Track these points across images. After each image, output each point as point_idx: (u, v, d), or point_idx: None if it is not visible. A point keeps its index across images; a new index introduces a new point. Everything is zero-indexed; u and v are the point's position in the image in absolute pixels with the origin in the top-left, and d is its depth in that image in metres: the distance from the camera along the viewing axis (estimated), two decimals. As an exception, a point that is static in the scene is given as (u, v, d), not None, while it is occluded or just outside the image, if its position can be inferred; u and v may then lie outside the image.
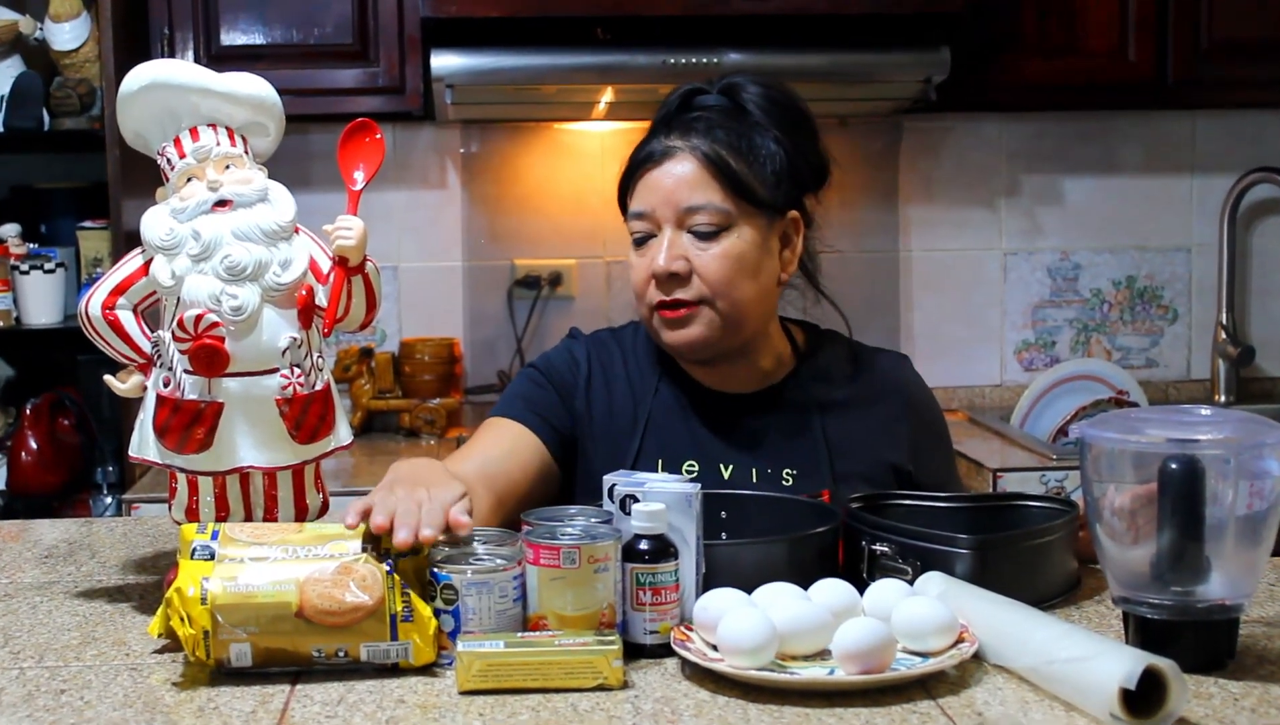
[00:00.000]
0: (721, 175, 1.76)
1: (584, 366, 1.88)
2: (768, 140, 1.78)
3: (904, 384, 1.92)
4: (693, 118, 1.81)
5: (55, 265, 3.10)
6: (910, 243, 3.55)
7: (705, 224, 1.75)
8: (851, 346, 1.94)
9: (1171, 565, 1.29)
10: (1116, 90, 3.29)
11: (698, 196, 1.75)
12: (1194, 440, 1.28)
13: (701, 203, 1.75)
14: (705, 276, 1.75)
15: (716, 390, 1.86)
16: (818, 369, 1.88)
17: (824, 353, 1.91)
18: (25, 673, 1.36)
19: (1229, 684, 1.29)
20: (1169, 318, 3.64)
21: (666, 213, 1.77)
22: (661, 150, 1.79)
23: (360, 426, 3.28)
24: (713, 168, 1.76)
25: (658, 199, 1.77)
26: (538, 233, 3.48)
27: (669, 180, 1.77)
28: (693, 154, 1.77)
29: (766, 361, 1.87)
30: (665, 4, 2.98)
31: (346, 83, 3.10)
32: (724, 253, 1.75)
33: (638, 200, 1.80)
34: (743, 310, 1.78)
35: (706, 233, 1.75)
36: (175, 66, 1.52)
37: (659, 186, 1.77)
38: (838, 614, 1.34)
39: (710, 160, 1.76)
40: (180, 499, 1.51)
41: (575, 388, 1.86)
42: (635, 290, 1.81)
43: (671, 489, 1.41)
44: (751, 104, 1.81)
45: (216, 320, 1.43)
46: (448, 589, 1.34)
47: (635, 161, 1.83)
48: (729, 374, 1.86)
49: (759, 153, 1.78)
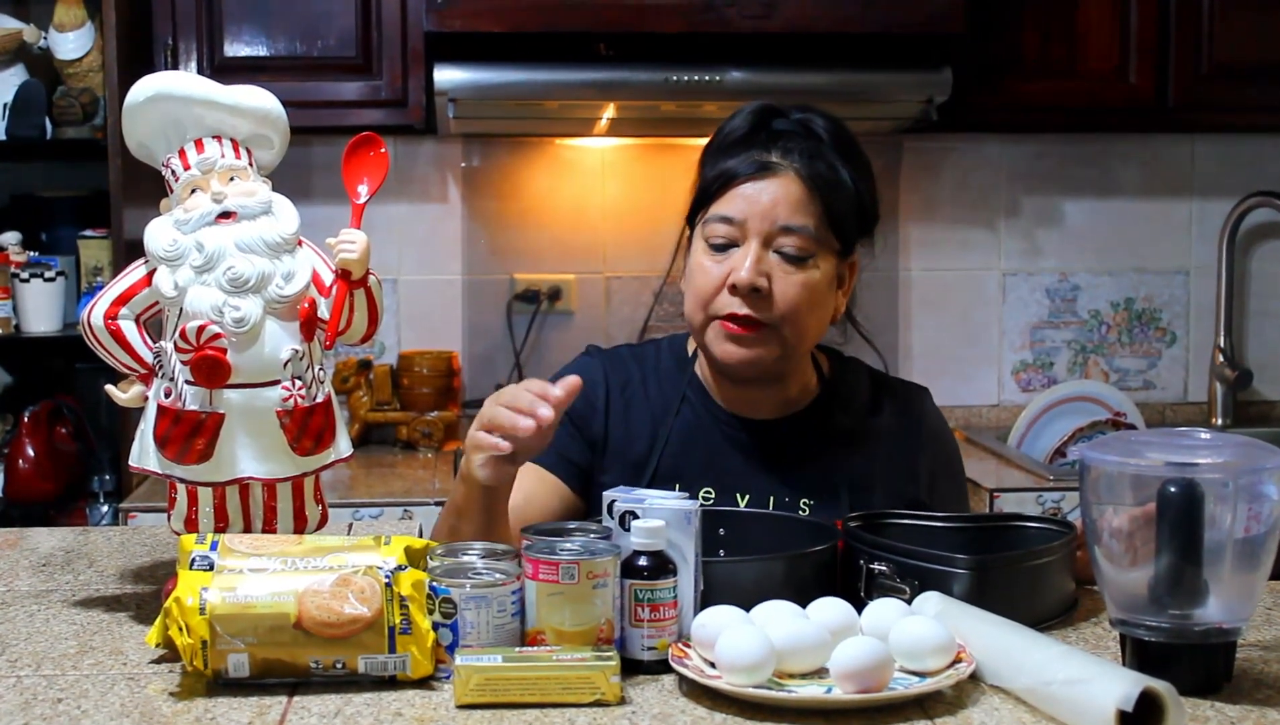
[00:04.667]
0: (822, 202, 1.74)
1: (602, 387, 1.86)
2: (847, 177, 1.77)
3: (924, 418, 1.92)
4: (786, 137, 1.77)
5: (55, 274, 3.10)
6: (910, 262, 3.56)
7: (796, 247, 1.74)
8: (873, 376, 1.94)
9: (1169, 588, 1.29)
10: (1117, 113, 3.30)
11: (796, 218, 1.74)
12: (1193, 464, 1.29)
13: (798, 225, 1.74)
14: (783, 301, 1.73)
15: (739, 415, 1.85)
16: (840, 398, 1.87)
17: (847, 382, 1.90)
18: (22, 681, 1.36)
19: (1225, 707, 1.29)
20: (1167, 340, 3.64)
21: (760, 226, 1.74)
22: (762, 164, 1.76)
23: (358, 439, 3.28)
24: (815, 193, 1.74)
25: (754, 210, 1.74)
26: (538, 247, 3.49)
27: (768, 195, 1.74)
28: (797, 175, 1.75)
29: (793, 389, 1.86)
30: (668, 21, 2.99)
31: (349, 95, 3.11)
32: (805, 281, 1.74)
33: (728, 206, 1.76)
34: (804, 341, 1.78)
35: (795, 257, 1.74)
36: (181, 78, 1.53)
37: (757, 199, 1.74)
38: (835, 632, 1.34)
39: (815, 186, 1.74)
40: (179, 509, 1.51)
41: (593, 411, 1.84)
42: (700, 294, 1.77)
43: (671, 506, 1.41)
44: (827, 136, 1.79)
45: (219, 331, 1.43)
46: (446, 603, 1.34)
47: (730, 170, 1.77)
48: (757, 399, 1.84)
49: (845, 189, 1.77)
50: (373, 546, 1.38)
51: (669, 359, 1.90)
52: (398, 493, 2.92)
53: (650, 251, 3.48)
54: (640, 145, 3.48)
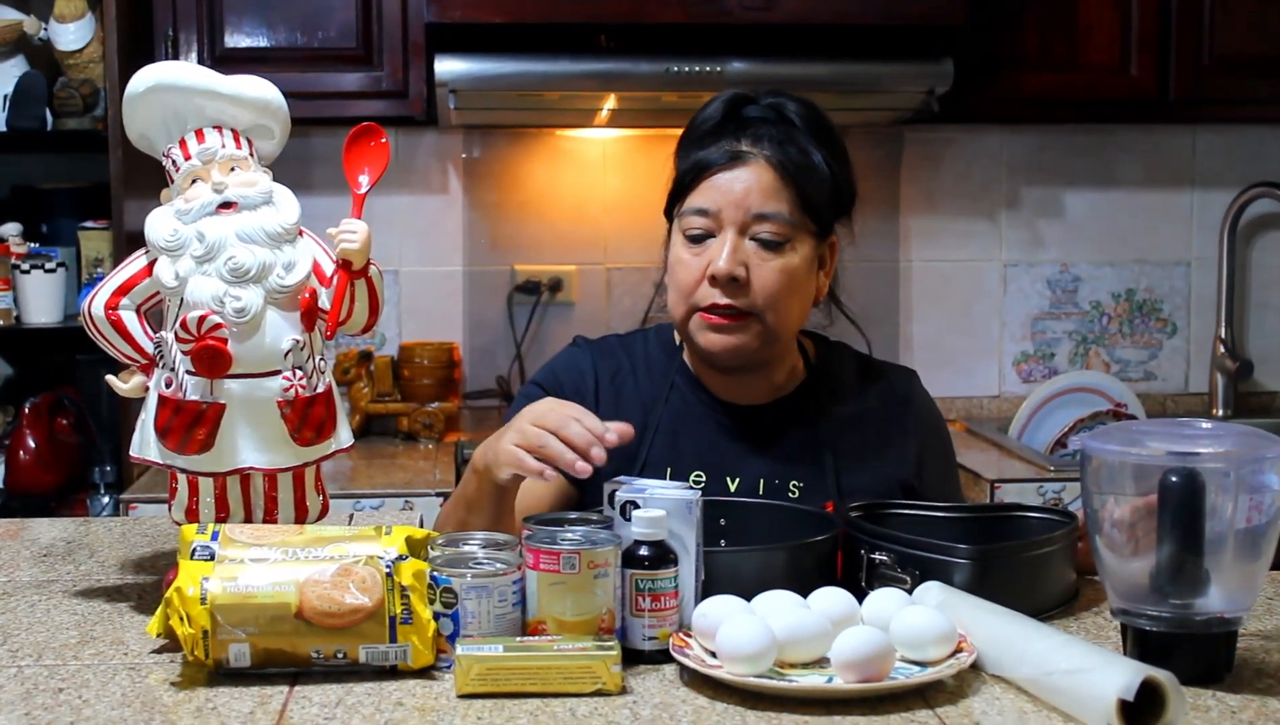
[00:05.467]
0: (794, 188, 1.75)
1: (591, 377, 1.87)
2: (820, 160, 1.78)
3: (911, 399, 1.92)
4: (757, 125, 1.78)
5: (56, 265, 3.10)
6: (911, 253, 3.55)
7: (771, 234, 1.74)
8: (860, 359, 1.94)
9: (1170, 578, 1.29)
10: (1118, 104, 3.30)
11: (770, 205, 1.74)
12: (1194, 453, 1.29)
13: (772, 212, 1.74)
14: (761, 288, 1.74)
15: (727, 401, 1.86)
16: (827, 382, 1.88)
17: (833, 365, 1.91)
18: (23, 671, 1.36)
19: (1227, 697, 1.29)
20: (1168, 331, 3.64)
21: (734, 215, 1.75)
22: (733, 153, 1.76)
23: (358, 430, 3.28)
24: (787, 179, 1.75)
25: (727, 200, 1.75)
26: (538, 238, 3.48)
27: (741, 184, 1.75)
28: (767, 162, 1.75)
29: (780, 375, 1.87)
30: (668, 12, 2.98)
31: (349, 86, 3.11)
32: (784, 267, 1.75)
33: (702, 197, 1.77)
34: (786, 326, 1.79)
35: (771, 242, 1.75)
36: (182, 68, 1.53)
37: (730, 189, 1.75)
38: (836, 622, 1.34)
39: (786, 172, 1.75)
40: (180, 499, 1.51)
41: (583, 401, 1.83)
42: (680, 287, 1.79)
43: (672, 495, 1.41)
44: (799, 120, 1.80)
45: (219, 322, 1.43)
46: (447, 592, 1.34)
47: (702, 161, 1.78)
48: (744, 385, 1.85)
49: (818, 172, 1.78)
50: (374, 536, 1.38)
51: (657, 348, 1.91)
52: (398, 484, 2.92)
53: (651, 243, 3.42)
54: (641, 136, 3.48)
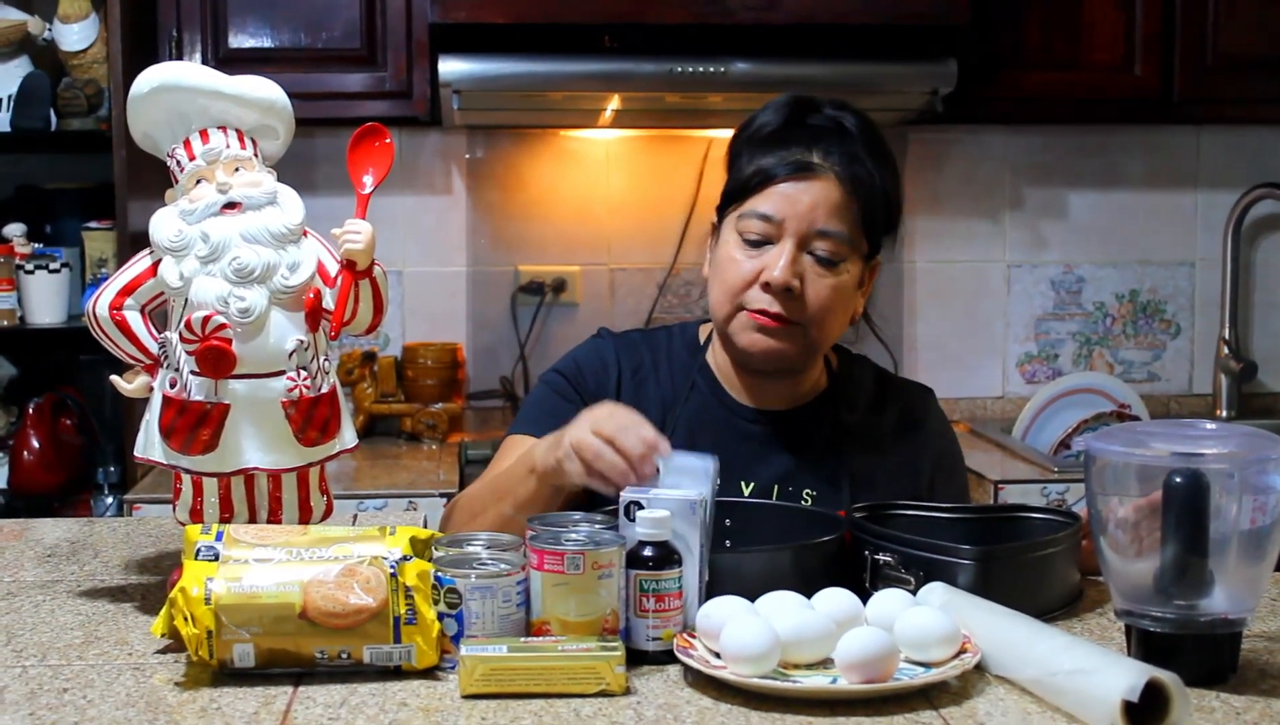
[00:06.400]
0: (860, 209, 1.75)
1: (614, 369, 1.87)
2: (877, 178, 1.77)
3: (927, 418, 1.93)
4: (825, 136, 1.77)
5: (60, 265, 3.10)
6: (914, 254, 3.55)
7: (829, 252, 1.74)
8: (879, 374, 1.95)
9: (1174, 579, 1.29)
10: (1122, 105, 3.29)
11: (833, 223, 1.74)
12: (1198, 454, 1.29)
13: (835, 230, 1.74)
14: (813, 302, 1.74)
15: (747, 406, 1.86)
16: (847, 394, 1.88)
17: (854, 378, 1.91)
18: (28, 671, 1.36)
19: (1231, 698, 1.29)
20: (1172, 332, 3.64)
21: (797, 227, 1.74)
22: (803, 164, 1.75)
23: (362, 430, 3.28)
24: (854, 200, 1.75)
25: (793, 211, 1.74)
26: (542, 239, 3.48)
27: (808, 196, 1.74)
28: (837, 179, 1.74)
29: (805, 384, 1.87)
30: (672, 13, 2.98)
31: (353, 87, 3.11)
32: (837, 285, 1.75)
33: (767, 203, 1.75)
34: (827, 341, 1.81)
35: (828, 261, 1.75)
36: (186, 69, 1.53)
37: (797, 200, 1.74)
38: (841, 623, 1.34)
39: (855, 191, 1.75)
40: (185, 500, 1.51)
41: (604, 393, 1.83)
42: (729, 285, 1.77)
43: (677, 496, 1.41)
44: (859, 133, 1.78)
45: (224, 322, 1.43)
46: (451, 593, 1.34)
47: (770, 166, 1.76)
48: (767, 390, 1.85)
49: (879, 194, 1.77)
50: (378, 537, 1.38)
51: (680, 346, 1.91)
52: (402, 484, 2.92)
53: (655, 243, 3.48)
54: (645, 137, 3.48)
